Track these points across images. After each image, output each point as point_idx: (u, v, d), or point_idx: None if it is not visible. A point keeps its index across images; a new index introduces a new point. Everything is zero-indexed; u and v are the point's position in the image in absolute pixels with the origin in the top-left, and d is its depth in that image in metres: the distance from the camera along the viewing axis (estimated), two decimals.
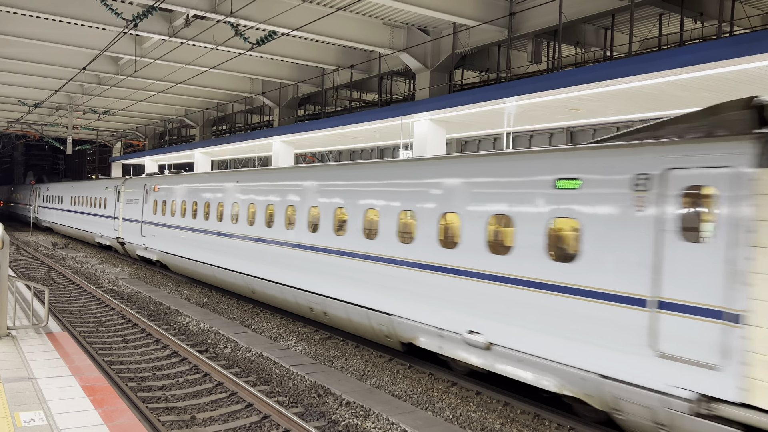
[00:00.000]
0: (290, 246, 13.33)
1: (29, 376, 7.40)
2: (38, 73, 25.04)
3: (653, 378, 6.57)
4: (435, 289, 9.46)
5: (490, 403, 8.88)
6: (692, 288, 6.28)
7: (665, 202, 6.61)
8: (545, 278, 7.77)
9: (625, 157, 7.10)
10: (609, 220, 7.15)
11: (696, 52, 9.65)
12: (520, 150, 8.87)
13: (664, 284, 6.52)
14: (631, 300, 6.80)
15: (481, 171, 9.03)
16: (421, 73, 18.32)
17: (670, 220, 6.54)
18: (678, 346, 6.35)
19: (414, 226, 10.03)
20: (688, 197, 6.51)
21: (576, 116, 15.11)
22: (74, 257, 26.64)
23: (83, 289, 17.81)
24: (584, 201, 7.44)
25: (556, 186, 7.83)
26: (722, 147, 6.24)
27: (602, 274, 7.14)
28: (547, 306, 7.71)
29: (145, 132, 44.03)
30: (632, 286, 6.81)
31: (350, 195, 11.58)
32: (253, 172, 15.74)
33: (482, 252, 8.69)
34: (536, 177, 8.11)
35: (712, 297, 6.12)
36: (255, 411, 8.14)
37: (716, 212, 6.20)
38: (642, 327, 6.66)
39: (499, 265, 8.41)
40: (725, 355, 5.99)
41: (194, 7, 15.24)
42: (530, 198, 8.11)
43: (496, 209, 8.57)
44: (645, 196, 6.78)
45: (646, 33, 16.98)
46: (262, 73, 22.95)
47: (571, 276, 7.46)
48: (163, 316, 14.43)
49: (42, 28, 19.11)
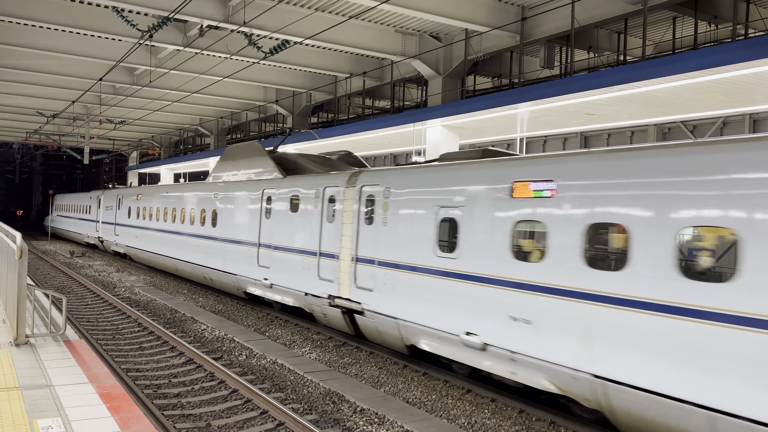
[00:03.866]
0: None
1: (47, 383, 7.48)
2: (56, 84, 25.43)
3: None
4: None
5: (505, 410, 8.82)
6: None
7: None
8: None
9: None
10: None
11: (711, 55, 9.59)
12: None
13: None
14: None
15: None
16: (433, 80, 18.34)
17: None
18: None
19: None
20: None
21: (590, 121, 15.04)
22: (91, 266, 26.92)
23: (100, 297, 17.99)
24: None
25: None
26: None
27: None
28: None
29: (161, 141, 44.47)
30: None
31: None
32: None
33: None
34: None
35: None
36: (270, 418, 8.16)
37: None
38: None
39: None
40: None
41: (208, 18, 15.41)
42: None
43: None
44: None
45: (659, 37, 16.88)
46: (276, 81, 23.12)
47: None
48: (179, 324, 14.52)
49: (59, 40, 19.43)
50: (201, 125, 35.91)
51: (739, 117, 17.18)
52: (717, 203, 6.29)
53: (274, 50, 16.12)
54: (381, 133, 18.13)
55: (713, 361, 6.15)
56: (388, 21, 17.21)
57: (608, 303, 7.17)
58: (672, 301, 6.53)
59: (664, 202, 6.73)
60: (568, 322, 7.61)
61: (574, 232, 7.63)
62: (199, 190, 19.84)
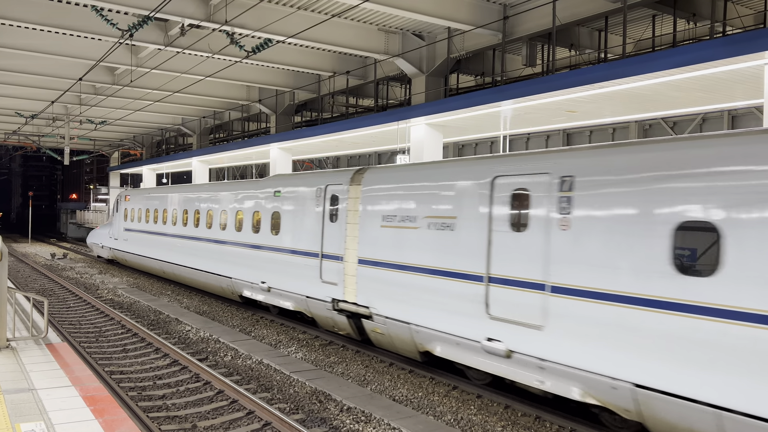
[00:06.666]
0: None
1: (30, 387, 7.40)
2: (35, 84, 25.07)
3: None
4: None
5: (491, 406, 8.88)
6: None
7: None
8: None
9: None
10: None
11: (689, 52, 9.71)
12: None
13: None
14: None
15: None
16: (416, 78, 18.37)
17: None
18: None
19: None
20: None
21: (572, 118, 15.17)
22: (73, 267, 26.60)
23: (82, 299, 17.79)
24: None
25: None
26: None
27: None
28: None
29: (143, 141, 44.06)
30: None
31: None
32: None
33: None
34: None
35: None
36: (256, 418, 8.14)
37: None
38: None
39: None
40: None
41: (189, 17, 15.29)
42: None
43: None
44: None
45: (639, 34, 17.06)
46: (259, 80, 23.00)
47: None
48: (163, 325, 14.42)
49: (38, 40, 19.15)
50: (183, 125, 35.63)
51: (718, 113, 17.43)
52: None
53: (257, 49, 16.03)
54: (365, 132, 18.12)
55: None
56: (371, 19, 17.20)
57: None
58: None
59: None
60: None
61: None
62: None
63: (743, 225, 5.93)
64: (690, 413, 6.26)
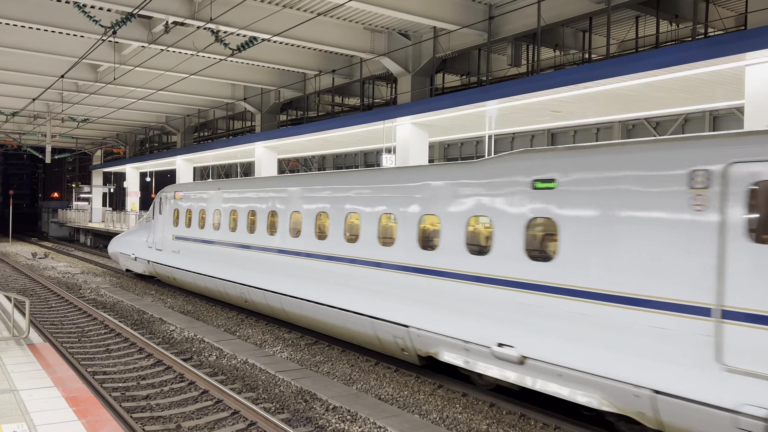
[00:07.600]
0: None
1: (11, 388, 7.30)
2: (15, 81, 24.72)
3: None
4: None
5: (476, 404, 8.92)
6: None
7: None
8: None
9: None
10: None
11: (672, 53, 9.83)
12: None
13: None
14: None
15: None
16: (402, 77, 18.40)
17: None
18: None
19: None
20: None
21: (556, 118, 15.28)
22: (55, 267, 26.30)
23: (65, 299, 17.59)
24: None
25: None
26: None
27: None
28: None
29: (126, 139, 43.64)
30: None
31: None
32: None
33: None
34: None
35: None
36: (241, 418, 8.11)
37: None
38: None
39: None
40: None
41: (173, 14, 15.17)
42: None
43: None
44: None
45: (623, 35, 17.22)
46: (244, 78, 22.88)
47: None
48: (147, 325, 14.30)
49: (19, 36, 18.89)
50: (167, 123, 35.34)
51: (700, 114, 17.65)
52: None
53: (242, 47, 15.95)
54: (351, 131, 18.11)
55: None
56: (356, 18, 17.19)
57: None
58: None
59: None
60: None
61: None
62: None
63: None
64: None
